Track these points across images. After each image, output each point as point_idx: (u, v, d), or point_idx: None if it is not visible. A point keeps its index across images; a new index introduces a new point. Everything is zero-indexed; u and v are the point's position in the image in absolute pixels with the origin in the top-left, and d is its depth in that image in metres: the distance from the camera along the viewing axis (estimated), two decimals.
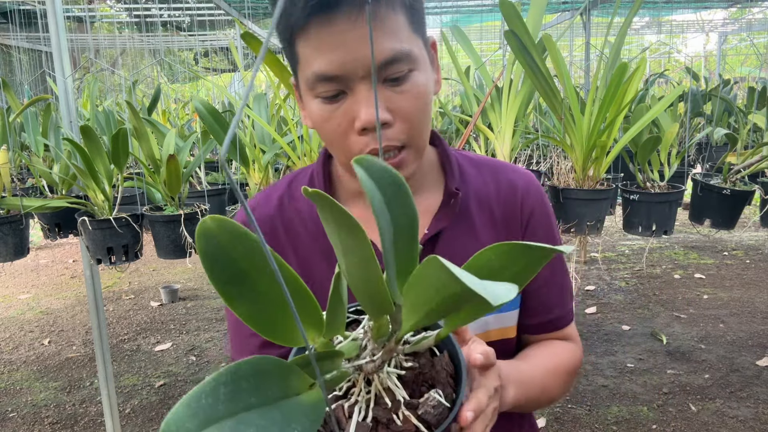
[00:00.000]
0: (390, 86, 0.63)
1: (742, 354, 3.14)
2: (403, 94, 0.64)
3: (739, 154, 2.68)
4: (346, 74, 0.62)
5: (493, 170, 0.80)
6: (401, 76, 0.63)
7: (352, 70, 0.61)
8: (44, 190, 2.45)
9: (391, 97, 0.63)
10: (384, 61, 0.61)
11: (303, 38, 0.62)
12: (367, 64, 0.61)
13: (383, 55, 0.61)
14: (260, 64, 0.27)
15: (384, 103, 0.63)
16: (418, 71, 0.65)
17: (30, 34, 5.61)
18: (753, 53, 7.55)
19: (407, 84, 0.64)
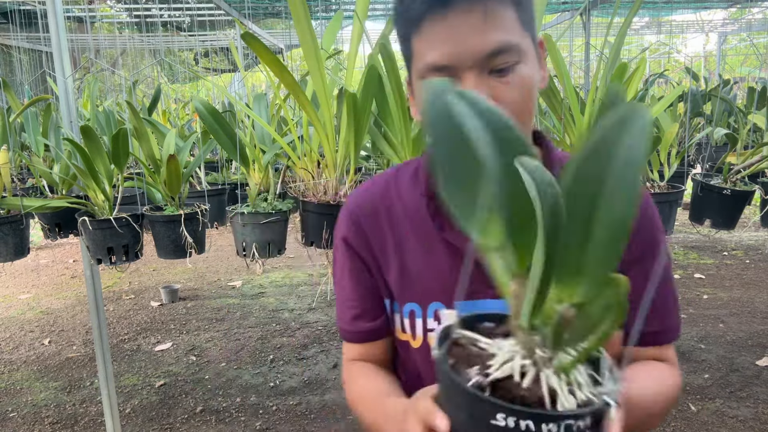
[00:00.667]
0: (496, 76, 0.66)
1: (741, 354, 3.15)
2: (508, 85, 0.67)
3: (739, 154, 2.68)
4: (456, 64, 0.66)
5: None
6: (507, 67, 0.66)
7: (462, 60, 0.65)
8: (44, 190, 2.45)
9: (496, 87, 0.66)
10: (491, 51, 0.65)
11: (417, 34, 0.67)
12: (475, 55, 0.65)
13: (490, 45, 0.65)
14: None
15: (489, 92, 0.66)
16: (524, 64, 0.67)
17: (30, 34, 5.61)
18: (753, 53, 7.55)
19: (512, 75, 0.67)
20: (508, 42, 0.65)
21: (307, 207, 1.89)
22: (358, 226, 0.83)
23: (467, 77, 0.66)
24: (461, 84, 0.67)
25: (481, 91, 0.65)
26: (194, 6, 5.32)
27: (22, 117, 2.56)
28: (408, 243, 0.80)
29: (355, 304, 0.84)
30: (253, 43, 1.49)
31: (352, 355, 0.88)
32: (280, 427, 2.63)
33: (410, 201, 0.81)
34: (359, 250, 0.83)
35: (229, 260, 5.19)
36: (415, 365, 0.83)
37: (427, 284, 0.78)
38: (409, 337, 0.81)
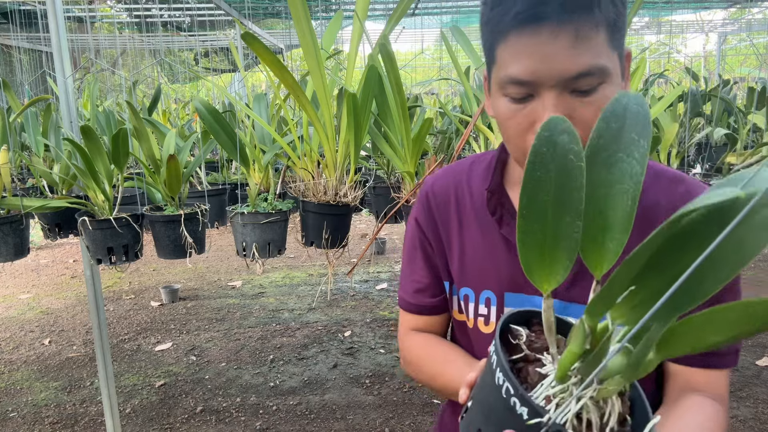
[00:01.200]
0: (576, 96, 0.66)
1: (741, 354, 3.15)
2: (588, 105, 0.67)
3: (739, 154, 2.68)
4: (538, 81, 0.66)
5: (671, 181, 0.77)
6: (590, 88, 0.66)
7: (544, 79, 0.65)
8: (44, 191, 2.45)
9: (576, 107, 0.66)
10: (578, 73, 0.64)
11: (504, 43, 0.67)
12: (558, 76, 0.64)
13: (578, 68, 0.64)
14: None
15: (567, 111, 0.66)
16: (607, 84, 0.67)
17: (30, 34, 5.61)
18: (753, 53, 7.55)
19: (594, 96, 0.66)
20: (595, 66, 0.65)
21: (307, 207, 1.89)
22: (429, 210, 0.89)
23: (547, 95, 0.66)
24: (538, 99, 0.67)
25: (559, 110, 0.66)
26: (194, 6, 5.32)
27: (22, 117, 2.56)
28: (470, 232, 0.85)
29: (418, 278, 0.90)
30: (253, 43, 1.49)
31: (411, 324, 0.93)
32: (280, 427, 2.63)
33: (478, 193, 0.85)
34: (427, 231, 0.89)
35: (229, 260, 5.19)
36: (469, 342, 0.88)
37: (483, 273, 0.83)
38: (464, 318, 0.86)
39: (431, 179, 0.91)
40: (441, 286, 0.89)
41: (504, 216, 0.81)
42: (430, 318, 0.92)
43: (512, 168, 0.85)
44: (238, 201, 2.11)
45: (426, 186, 0.91)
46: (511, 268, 0.79)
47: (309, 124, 1.93)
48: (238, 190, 2.28)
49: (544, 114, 0.66)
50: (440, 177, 0.90)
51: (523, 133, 0.70)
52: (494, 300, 0.82)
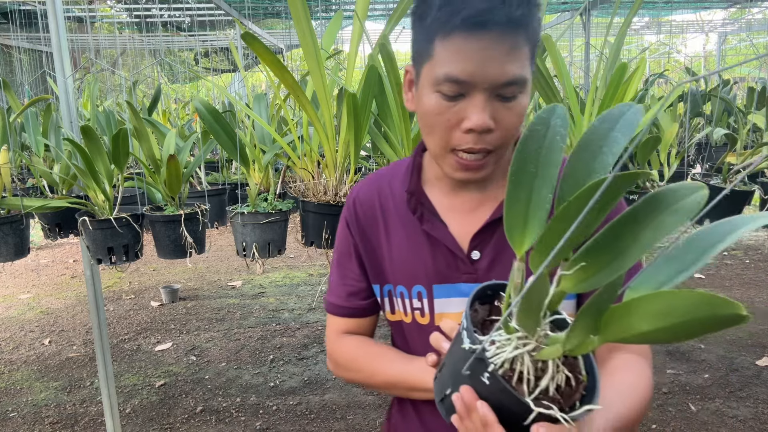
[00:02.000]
0: (501, 101, 0.73)
1: (741, 354, 3.15)
2: (509, 110, 0.74)
3: (739, 154, 2.68)
4: (472, 82, 0.71)
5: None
6: (511, 96, 0.73)
7: (478, 81, 0.71)
8: (45, 190, 2.45)
9: (499, 110, 0.74)
10: (507, 81, 0.71)
11: (446, 41, 0.72)
12: (492, 80, 0.71)
13: (509, 76, 0.71)
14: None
15: (493, 114, 0.73)
16: (524, 94, 0.75)
17: (30, 34, 5.61)
18: (752, 53, 7.55)
19: (514, 103, 0.74)
20: (521, 76, 0.72)
21: (307, 207, 1.89)
22: (357, 216, 0.93)
23: (477, 96, 0.72)
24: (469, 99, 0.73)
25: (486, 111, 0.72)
26: (194, 6, 5.32)
27: (23, 117, 2.56)
28: (396, 233, 0.90)
29: (351, 282, 0.94)
30: (253, 43, 1.49)
31: (342, 328, 0.96)
32: (280, 427, 2.63)
33: (399, 195, 0.91)
34: (356, 236, 0.93)
35: (229, 260, 5.19)
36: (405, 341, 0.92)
37: (411, 269, 0.88)
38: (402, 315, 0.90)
39: (357, 187, 0.96)
40: (371, 289, 0.94)
41: (424, 213, 0.86)
42: (362, 320, 0.96)
43: (428, 169, 0.90)
44: (238, 201, 2.11)
45: (353, 194, 0.95)
46: (435, 261, 0.85)
47: (309, 124, 1.93)
48: (238, 190, 2.28)
49: (473, 114, 0.72)
50: (365, 184, 0.95)
51: (450, 130, 0.75)
52: (425, 293, 0.87)
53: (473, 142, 0.74)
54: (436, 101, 0.75)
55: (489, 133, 0.74)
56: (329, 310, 0.97)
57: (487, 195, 0.86)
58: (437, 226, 0.85)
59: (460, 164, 0.77)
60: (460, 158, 0.76)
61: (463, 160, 0.76)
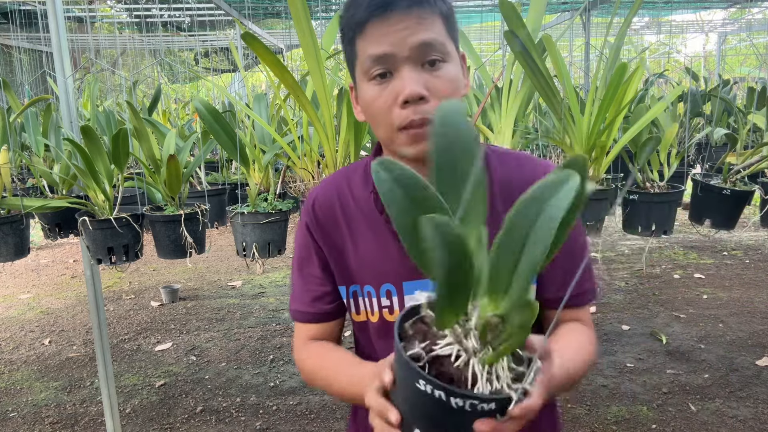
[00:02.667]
0: (428, 70, 0.78)
1: (741, 354, 3.15)
2: (439, 78, 0.79)
3: (739, 154, 2.68)
4: (394, 53, 0.77)
5: (516, 161, 0.91)
6: (437, 60, 0.78)
7: (398, 50, 0.77)
8: (45, 190, 2.45)
9: (429, 79, 0.78)
10: (422, 42, 0.77)
11: (362, 35, 0.79)
12: (410, 45, 0.77)
13: (421, 39, 0.77)
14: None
15: (423, 81, 0.78)
16: (450, 64, 0.80)
17: (30, 34, 5.61)
18: (753, 53, 7.55)
19: (442, 70, 0.79)
20: (436, 39, 0.78)
21: None
22: (317, 220, 0.94)
23: (402, 69, 0.78)
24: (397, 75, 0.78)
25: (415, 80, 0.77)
26: (194, 6, 5.32)
27: (23, 117, 2.56)
28: (361, 233, 0.91)
29: (315, 287, 0.95)
30: (253, 43, 1.49)
31: (308, 335, 0.97)
32: (280, 427, 2.63)
33: (361, 196, 0.92)
34: (319, 240, 0.94)
35: (229, 260, 5.19)
36: (370, 342, 0.94)
37: (379, 268, 0.89)
38: (368, 315, 0.92)
39: (315, 191, 0.97)
40: (336, 292, 0.94)
41: None
42: (328, 325, 0.96)
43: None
44: (238, 201, 2.11)
45: (311, 197, 0.96)
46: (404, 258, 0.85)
47: (309, 124, 1.93)
48: (238, 190, 2.28)
49: (405, 85, 0.77)
50: (323, 188, 0.96)
51: (389, 110, 0.80)
52: (394, 291, 0.89)
53: (412, 113, 0.78)
54: (371, 89, 0.81)
55: (426, 102, 0.78)
56: (294, 317, 0.97)
57: None
58: None
59: (409, 137, 0.80)
60: (408, 131, 0.80)
61: (411, 131, 0.79)
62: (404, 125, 0.79)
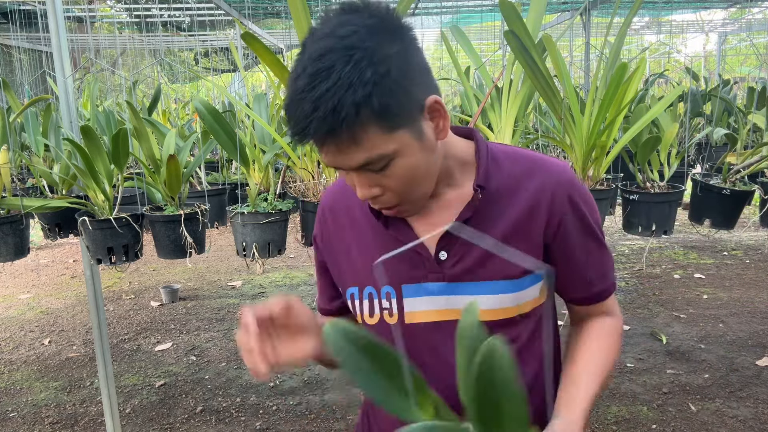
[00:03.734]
0: (375, 172, 0.76)
1: (741, 354, 3.15)
2: (388, 177, 0.76)
3: (739, 154, 2.68)
4: (338, 167, 0.77)
5: (529, 164, 0.89)
6: (380, 167, 0.75)
7: (342, 166, 0.76)
8: (44, 190, 2.45)
9: (378, 179, 0.77)
10: (357, 167, 0.75)
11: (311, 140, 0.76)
12: (346, 167, 0.76)
13: (355, 163, 0.74)
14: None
15: (373, 182, 0.77)
16: (399, 158, 0.75)
17: (30, 34, 5.61)
18: (753, 53, 7.55)
19: (389, 170, 0.76)
20: (370, 158, 0.73)
21: (307, 207, 1.89)
22: (326, 225, 0.97)
23: (353, 175, 0.78)
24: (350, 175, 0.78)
25: (364, 185, 0.77)
26: (194, 6, 5.32)
27: (22, 117, 2.56)
28: (364, 236, 0.92)
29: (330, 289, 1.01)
30: (253, 43, 1.49)
31: None
32: (280, 427, 2.63)
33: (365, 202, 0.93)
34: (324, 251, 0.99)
35: (229, 260, 5.19)
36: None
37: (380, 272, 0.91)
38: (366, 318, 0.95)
39: (323, 196, 1.01)
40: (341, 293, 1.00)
41: (389, 218, 0.88)
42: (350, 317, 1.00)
43: None
44: (238, 201, 2.11)
45: (322, 203, 1.00)
46: (402, 262, 0.88)
47: None
48: (238, 190, 2.28)
49: (356, 188, 0.79)
50: (332, 191, 0.99)
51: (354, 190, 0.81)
52: (393, 293, 0.90)
53: (372, 203, 0.81)
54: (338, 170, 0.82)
55: (381, 195, 0.79)
56: (320, 312, 1.06)
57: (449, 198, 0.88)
58: (404, 231, 0.88)
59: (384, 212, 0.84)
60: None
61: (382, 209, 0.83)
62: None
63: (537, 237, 0.86)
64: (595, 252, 0.92)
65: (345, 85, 0.67)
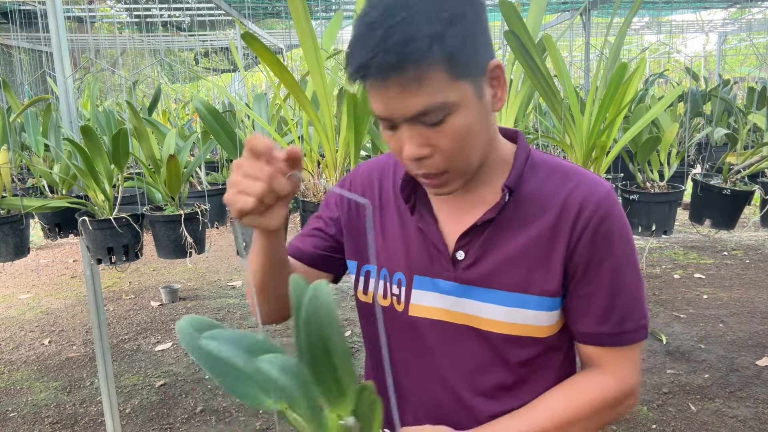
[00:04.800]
0: (428, 127, 0.72)
1: (741, 354, 3.15)
2: (441, 133, 0.73)
3: (739, 154, 2.68)
4: (392, 117, 0.73)
5: (563, 176, 0.84)
6: (437, 121, 0.72)
7: (393, 116, 0.73)
8: (44, 190, 2.45)
9: (430, 136, 0.73)
10: (414, 114, 0.71)
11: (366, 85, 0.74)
12: (401, 115, 0.72)
13: (413, 110, 0.71)
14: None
15: (423, 140, 0.73)
16: (455, 114, 0.72)
17: (30, 34, 5.61)
18: (753, 53, 7.55)
19: (444, 126, 0.72)
20: (430, 105, 0.70)
21: (308, 207, 1.89)
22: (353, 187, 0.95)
23: (403, 128, 0.73)
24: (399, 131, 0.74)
25: (414, 141, 0.73)
26: (194, 6, 5.32)
27: (22, 117, 2.56)
28: (389, 216, 0.91)
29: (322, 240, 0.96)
30: (253, 43, 1.49)
31: None
32: None
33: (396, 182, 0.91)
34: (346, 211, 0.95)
35: (229, 260, 5.19)
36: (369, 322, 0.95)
37: (397, 255, 0.89)
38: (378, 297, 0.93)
39: (360, 167, 0.98)
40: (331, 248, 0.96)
41: (417, 204, 0.87)
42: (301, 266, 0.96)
43: None
44: None
45: (355, 171, 0.98)
46: (420, 252, 0.87)
47: (309, 124, 1.93)
48: None
49: (404, 145, 0.74)
50: (368, 163, 0.97)
51: (399, 156, 0.77)
52: (404, 281, 0.88)
53: (416, 168, 0.76)
54: (384, 131, 0.78)
55: (429, 158, 0.74)
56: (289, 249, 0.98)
57: (477, 197, 0.85)
58: (428, 221, 0.86)
59: (424, 182, 0.79)
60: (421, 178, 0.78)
61: (423, 180, 0.79)
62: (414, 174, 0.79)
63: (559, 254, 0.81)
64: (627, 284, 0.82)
65: (421, 17, 0.67)
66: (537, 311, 0.82)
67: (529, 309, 0.82)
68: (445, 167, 0.75)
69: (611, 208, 0.82)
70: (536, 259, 0.81)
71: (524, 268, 0.81)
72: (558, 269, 0.81)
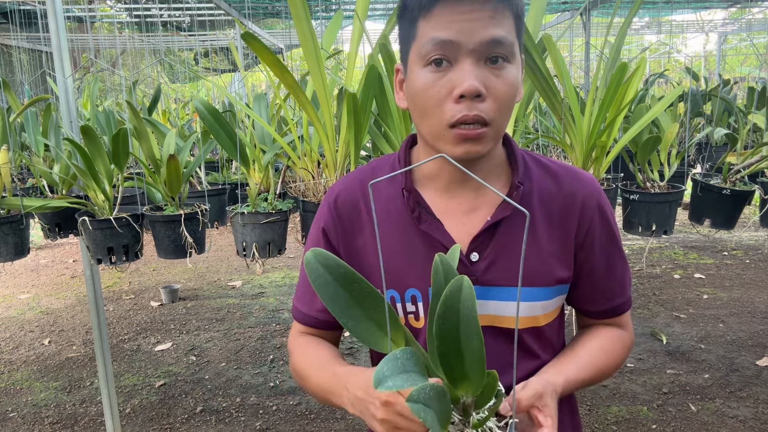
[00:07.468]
0: (489, 68, 0.74)
1: (741, 354, 3.15)
2: (499, 78, 0.74)
3: (739, 154, 2.68)
4: (460, 42, 0.72)
5: (556, 173, 0.88)
6: (501, 57, 0.74)
7: (465, 41, 0.72)
8: (44, 190, 2.45)
9: (489, 77, 0.74)
10: (491, 39, 0.72)
11: (427, 17, 0.74)
12: (478, 40, 0.72)
13: (492, 35, 0.72)
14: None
15: (482, 79, 0.73)
16: (512, 65, 0.75)
17: (30, 34, 5.61)
18: (753, 53, 7.55)
19: (504, 71, 0.74)
20: (505, 38, 0.73)
21: (308, 207, 1.88)
22: (339, 220, 0.89)
23: (464, 61, 0.73)
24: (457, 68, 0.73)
25: (475, 76, 0.72)
26: (194, 6, 5.31)
27: (22, 117, 2.56)
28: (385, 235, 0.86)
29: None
30: (253, 43, 1.49)
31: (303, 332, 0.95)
32: (280, 427, 2.63)
33: (387, 196, 0.87)
34: (337, 243, 0.89)
35: (229, 260, 5.19)
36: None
37: (404, 273, 0.85)
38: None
39: (337, 188, 0.91)
40: None
41: (422, 213, 0.84)
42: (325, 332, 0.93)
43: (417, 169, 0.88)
44: (238, 201, 2.11)
45: (332, 194, 0.90)
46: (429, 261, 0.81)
47: (309, 124, 1.93)
48: (238, 190, 2.28)
49: (465, 79, 0.72)
50: (345, 186, 0.90)
51: (442, 102, 0.74)
52: (419, 296, 0.85)
53: (467, 109, 0.73)
54: (425, 76, 0.75)
55: (482, 100, 0.73)
56: (294, 315, 0.94)
57: (481, 197, 0.85)
58: (436, 226, 0.83)
59: (460, 135, 0.74)
60: (458, 130, 0.74)
61: (461, 130, 0.74)
62: (456, 121, 0.74)
63: (569, 243, 0.86)
64: (618, 264, 0.91)
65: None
66: (552, 300, 0.87)
67: (547, 300, 0.86)
68: (492, 117, 0.74)
69: (603, 194, 0.89)
70: (550, 252, 0.84)
71: (540, 262, 0.84)
72: (570, 258, 0.86)
